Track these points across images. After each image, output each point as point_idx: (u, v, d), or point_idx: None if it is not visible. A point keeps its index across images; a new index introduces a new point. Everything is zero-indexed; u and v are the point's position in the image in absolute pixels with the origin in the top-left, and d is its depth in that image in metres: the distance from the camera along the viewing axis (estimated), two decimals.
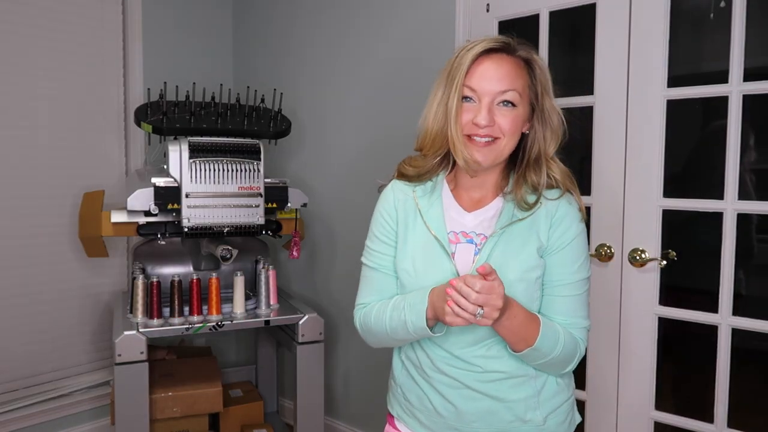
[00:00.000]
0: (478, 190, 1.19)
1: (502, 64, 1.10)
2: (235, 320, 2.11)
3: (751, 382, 1.74)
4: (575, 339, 1.14)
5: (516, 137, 1.13)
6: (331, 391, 2.74)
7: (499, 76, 1.08)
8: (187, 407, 2.27)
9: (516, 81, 1.10)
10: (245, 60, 3.09)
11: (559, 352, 1.10)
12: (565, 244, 1.13)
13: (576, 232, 1.14)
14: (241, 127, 2.23)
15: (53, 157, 2.53)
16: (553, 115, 1.15)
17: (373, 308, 1.20)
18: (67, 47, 2.55)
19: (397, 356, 1.29)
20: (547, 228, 1.13)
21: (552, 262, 1.14)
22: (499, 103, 1.09)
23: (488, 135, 1.10)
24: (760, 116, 1.61)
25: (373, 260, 1.23)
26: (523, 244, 1.12)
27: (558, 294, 1.14)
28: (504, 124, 1.09)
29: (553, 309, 1.14)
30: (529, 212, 1.13)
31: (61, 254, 2.57)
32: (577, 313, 1.15)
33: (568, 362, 1.14)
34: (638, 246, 1.76)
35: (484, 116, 1.08)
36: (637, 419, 1.80)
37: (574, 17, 1.90)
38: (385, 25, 2.43)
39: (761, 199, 1.62)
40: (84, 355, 2.66)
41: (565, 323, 1.13)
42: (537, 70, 1.14)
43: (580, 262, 1.15)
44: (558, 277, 1.13)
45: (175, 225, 2.11)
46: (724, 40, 1.60)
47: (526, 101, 1.12)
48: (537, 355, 1.09)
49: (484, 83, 1.08)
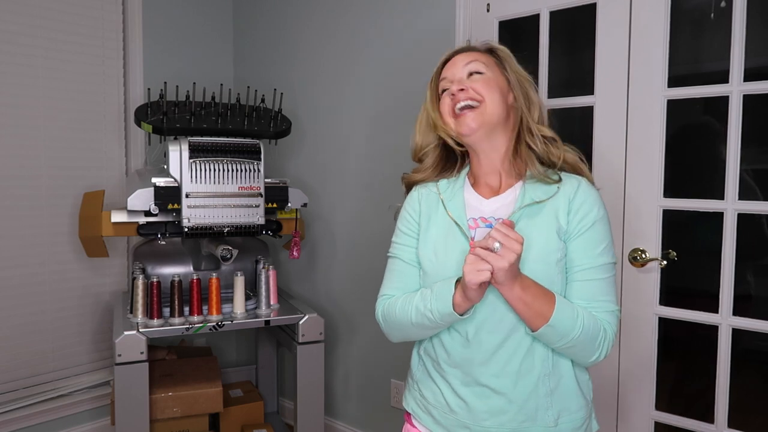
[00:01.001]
0: (494, 176, 1.22)
1: (466, 54, 1.22)
2: (235, 320, 2.11)
3: (752, 383, 1.74)
4: (598, 321, 1.10)
5: (497, 96, 1.18)
6: (331, 391, 2.74)
7: (463, 59, 1.21)
8: (187, 407, 2.27)
9: (479, 56, 1.21)
10: (245, 60, 3.09)
11: (578, 333, 1.07)
12: (586, 228, 1.13)
13: (598, 215, 1.14)
14: (242, 127, 2.23)
15: (53, 157, 2.53)
16: (525, 83, 1.22)
17: (398, 299, 1.22)
18: (68, 47, 2.55)
19: (416, 351, 1.31)
20: (566, 212, 1.14)
21: (574, 247, 1.13)
22: (469, 77, 1.19)
23: (468, 98, 1.17)
24: (761, 116, 1.61)
25: (396, 253, 1.27)
26: (542, 226, 1.13)
27: (580, 279, 1.13)
28: (479, 87, 1.17)
29: (576, 294, 1.13)
30: (549, 196, 1.15)
31: (62, 254, 2.57)
32: (601, 296, 1.12)
33: (593, 346, 1.10)
34: (639, 246, 1.76)
35: (455, 85, 1.18)
36: (638, 419, 1.80)
37: (574, 17, 1.90)
38: (385, 25, 2.43)
39: (761, 198, 1.62)
40: (84, 355, 2.66)
41: (588, 307, 1.11)
42: (499, 51, 1.23)
43: (603, 245, 1.13)
44: (580, 262, 1.12)
45: (176, 225, 2.11)
46: (725, 40, 1.60)
47: (496, 72, 1.20)
48: (555, 333, 1.07)
49: (452, 67, 1.22)
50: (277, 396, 2.88)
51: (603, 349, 1.12)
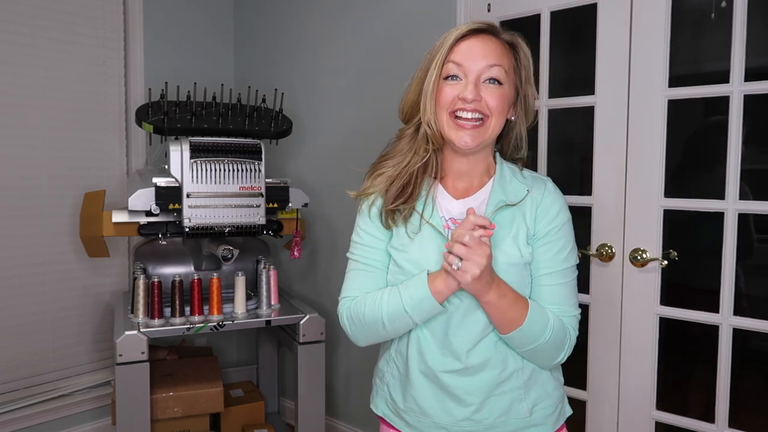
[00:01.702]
0: (466, 179, 1.18)
1: (487, 41, 1.10)
2: (236, 320, 2.11)
3: (753, 382, 1.74)
4: (565, 326, 1.12)
5: (503, 118, 1.12)
6: (332, 391, 2.75)
7: (485, 52, 1.09)
8: (188, 407, 2.28)
9: (502, 59, 1.10)
10: (246, 60, 3.09)
11: (548, 338, 1.08)
12: (553, 232, 1.13)
13: (564, 219, 1.15)
14: (242, 127, 2.23)
15: (54, 157, 2.53)
16: (531, 100, 1.17)
17: (366, 297, 1.17)
18: (68, 47, 2.55)
19: (386, 354, 1.28)
20: (533, 216, 1.13)
21: (540, 251, 1.13)
22: (485, 81, 1.09)
23: (476, 110, 1.08)
24: (762, 116, 1.61)
25: (360, 253, 1.23)
26: (512, 230, 1.12)
27: (547, 283, 1.13)
28: (491, 102, 1.08)
29: (542, 297, 1.13)
30: (519, 199, 1.13)
31: (62, 254, 2.57)
32: (567, 301, 1.13)
33: (558, 350, 1.12)
34: (639, 246, 1.76)
35: (471, 90, 1.07)
36: (638, 419, 1.80)
37: (575, 17, 1.90)
38: (386, 26, 2.43)
39: (762, 198, 1.62)
40: (85, 355, 2.67)
41: (554, 311, 1.12)
42: (521, 54, 1.14)
43: (568, 249, 1.14)
44: (546, 265, 1.12)
45: (176, 225, 2.11)
46: (726, 40, 1.60)
47: (511, 83, 1.12)
48: (525, 338, 1.08)
49: (469, 58, 1.08)
50: (278, 396, 2.88)
51: (565, 352, 1.13)
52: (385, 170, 1.20)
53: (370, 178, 1.22)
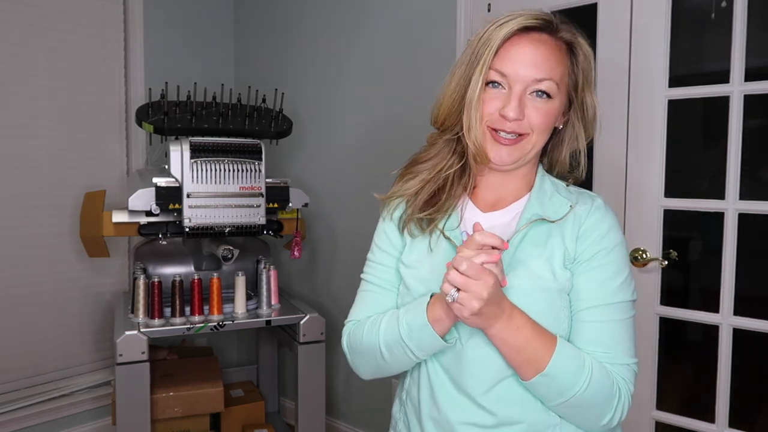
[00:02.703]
0: (498, 192, 1.01)
1: (540, 46, 0.91)
2: (236, 320, 2.11)
3: (753, 382, 1.74)
4: (610, 376, 0.88)
5: (547, 134, 0.95)
6: (332, 391, 2.74)
7: (535, 61, 0.90)
8: (188, 407, 2.27)
9: (555, 69, 0.92)
10: (246, 60, 3.09)
11: (584, 387, 0.85)
12: (601, 255, 0.92)
13: (615, 241, 0.94)
14: (243, 127, 2.23)
15: (54, 157, 2.53)
16: (590, 110, 0.98)
17: (367, 321, 1.01)
18: (68, 47, 2.55)
19: (398, 396, 1.10)
20: (575, 235, 0.94)
21: (583, 278, 0.92)
22: (532, 93, 0.91)
23: (514, 131, 0.92)
24: (762, 116, 1.61)
25: (371, 272, 1.07)
26: (546, 249, 0.93)
27: (590, 319, 0.90)
28: (535, 119, 0.91)
29: (582, 337, 0.90)
30: (560, 216, 0.95)
31: (62, 254, 2.57)
32: (618, 344, 0.90)
33: (603, 408, 0.88)
34: (639, 246, 1.76)
35: (514, 108, 0.90)
36: (639, 419, 1.80)
37: (575, 17, 1.89)
38: (386, 26, 2.43)
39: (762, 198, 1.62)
40: (85, 355, 2.67)
41: (599, 355, 0.89)
42: (580, 56, 0.96)
43: (621, 278, 0.92)
44: (590, 296, 0.91)
45: (177, 225, 2.11)
46: (726, 40, 1.60)
47: (563, 92, 0.94)
48: (552, 386, 0.86)
49: (517, 68, 0.90)
50: (278, 396, 2.88)
51: (616, 413, 0.89)
52: (418, 174, 1.04)
53: (401, 182, 1.07)
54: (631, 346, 0.91)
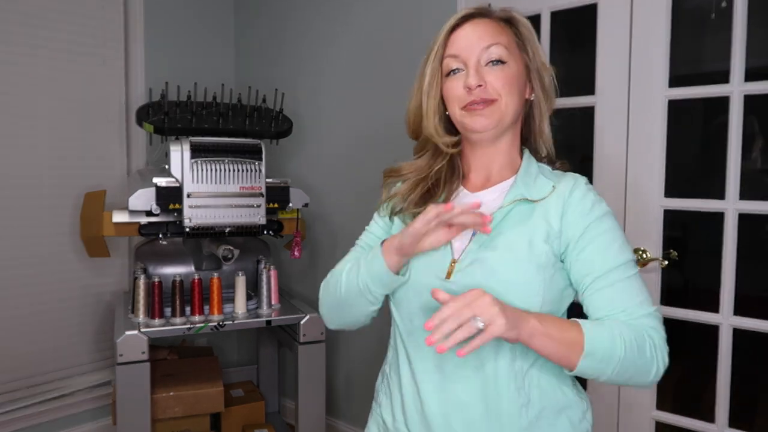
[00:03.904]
0: (484, 172, 1.08)
1: (479, 24, 1.03)
2: (236, 320, 2.12)
3: (753, 382, 1.74)
4: (638, 329, 0.91)
5: (515, 97, 1.02)
6: (332, 391, 2.74)
7: (478, 34, 1.01)
8: (188, 407, 2.28)
9: (499, 36, 1.01)
10: (247, 60, 3.09)
11: (622, 350, 0.88)
12: (593, 227, 0.97)
13: (601, 211, 0.99)
14: (243, 127, 2.23)
15: (54, 157, 2.53)
16: (544, 73, 1.06)
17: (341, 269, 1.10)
18: (69, 47, 2.55)
19: (382, 369, 1.18)
20: (560, 212, 0.98)
21: (584, 255, 0.96)
22: (488, 64, 1.00)
23: (483, 99, 1.00)
24: (762, 116, 1.61)
25: (363, 239, 1.20)
26: (529, 227, 0.98)
27: (599, 287, 0.94)
28: (496, 83, 0.99)
29: (602, 306, 0.94)
30: (543, 196, 1.01)
31: (63, 254, 2.57)
32: (633, 298, 0.94)
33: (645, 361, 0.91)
34: (640, 246, 1.76)
35: (473, 75, 0.99)
36: (639, 419, 1.80)
37: (575, 17, 1.90)
38: (386, 26, 2.43)
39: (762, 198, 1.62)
40: (85, 355, 2.67)
41: (620, 317, 0.93)
42: (521, 26, 1.05)
43: (618, 244, 0.97)
44: (595, 267, 0.95)
45: (177, 225, 2.11)
46: (726, 40, 1.60)
47: (517, 59, 1.03)
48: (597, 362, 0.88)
49: (464, 45, 1.01)
50: (279, 396, 2.88)
51: (659, 360, 0.92)
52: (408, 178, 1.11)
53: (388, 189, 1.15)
54: (646, 298, 0.95)
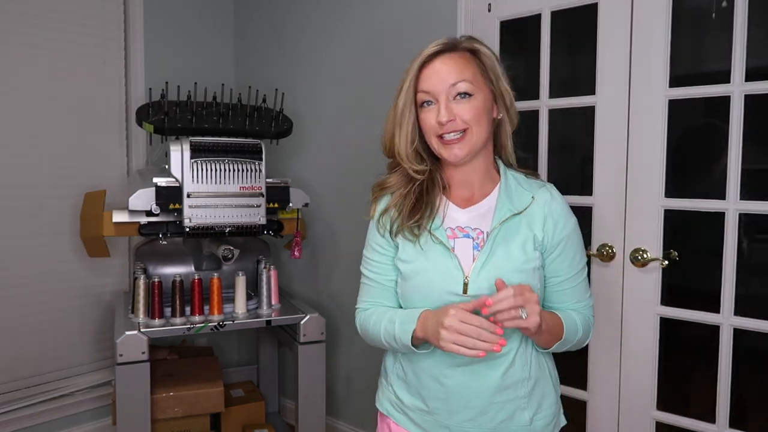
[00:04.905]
0: (467, 188, 1.24)
1: (447, 61, 1.16)
2: (236, 320, 2.12)
3: (753, 383, 1.74)
4: (587, 318, 1.24)
5: (484, 125, 1.16)
6: (332, 391, 2.74)
7: (447, 71, 1.14)
8: (188, 407, 2.28)
9: (465, 71, 1.15)
10: (247, 60, 3.09)
11: (580, 335, 1.21)
12: (566, 240, 1.20)
13: (573, 225, 1.22)
14: (243, 127, 2.23)
15: (55, 157, 2.53)
16: (507, 97, 1.20)
17: (372, 314, 1.25)
18: (69, 47, 2.55)
19: (391, 353, 1.32)
20: (542, 223, 1.18)
21: (558, 260, 1.20)
22: (455, 97, 1.14)
23: (454, 130, 1.14)
24: (762, 116, 1.61)
25: (369, 269, 1.28)
26: (519, 237, 1.17)
27: (568, 286, 1.22)
28: (465, 115, 1.14)
29: (565, 299, 1.22)
30: (525, 206, 1.19)
31: (63, 254, 2.57)
32: (584, 296, 1.25)
33: (586, 338, 1.25)
34: (640, 246, 1.76)
35: (443, 112, 1.13)
36: (639, 419, 1.80)
37: (575, 17, 1.90)
38: (386, 26, 2.43)
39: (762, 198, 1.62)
40: (85, 355, 2.67)
41: (576, 307, 1.23)
42: (484, 56, 1.18)
43: (580, 251, 1.23)
44: (565, 272, 1.20)
45: (177, 225, 2.11)
46: (726, 40, 1.60)
47: (482, 88, 1.16)
48: (563, 344, 1.19)
49: (434, 82, 1.15)
50: (279, 396, 2.88)
51: (590, 337, 1.27)
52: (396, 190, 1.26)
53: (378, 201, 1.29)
54: (589, 291, 1.27)
